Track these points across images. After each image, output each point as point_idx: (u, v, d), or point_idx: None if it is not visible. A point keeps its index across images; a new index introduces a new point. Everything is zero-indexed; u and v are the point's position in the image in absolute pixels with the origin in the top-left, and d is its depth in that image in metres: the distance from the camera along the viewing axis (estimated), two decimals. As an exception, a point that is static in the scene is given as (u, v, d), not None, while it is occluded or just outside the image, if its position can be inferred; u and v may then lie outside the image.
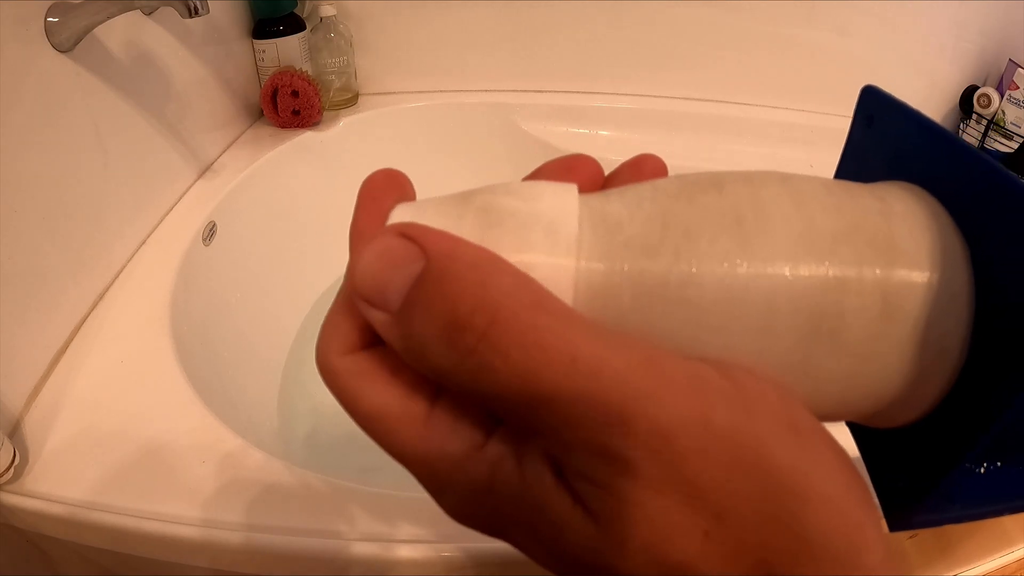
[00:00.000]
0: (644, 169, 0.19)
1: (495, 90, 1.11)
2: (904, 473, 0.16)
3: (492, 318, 0.12)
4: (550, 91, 1.11)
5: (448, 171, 1.12)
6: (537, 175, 0.18)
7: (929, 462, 0.16)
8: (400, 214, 0.16)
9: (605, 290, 0.14)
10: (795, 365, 0.15)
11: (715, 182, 0.16)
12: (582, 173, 0.18)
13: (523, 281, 0.13)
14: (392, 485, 0.47)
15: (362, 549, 0.43)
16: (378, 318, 0.14)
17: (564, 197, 0.15)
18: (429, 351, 0.13)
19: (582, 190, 0.16)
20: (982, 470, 0.16)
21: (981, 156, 0.16)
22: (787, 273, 0.14)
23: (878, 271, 0.15)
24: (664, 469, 0.12)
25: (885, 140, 0.20)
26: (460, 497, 0.15)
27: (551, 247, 0.14)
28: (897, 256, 0.15)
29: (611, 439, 0.12)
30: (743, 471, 0.13)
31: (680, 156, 1.06)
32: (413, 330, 0.13)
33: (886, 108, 0.20)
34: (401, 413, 0.15)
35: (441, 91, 1.10)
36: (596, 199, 0.16)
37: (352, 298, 0.15)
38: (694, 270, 0.14)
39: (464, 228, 0.15)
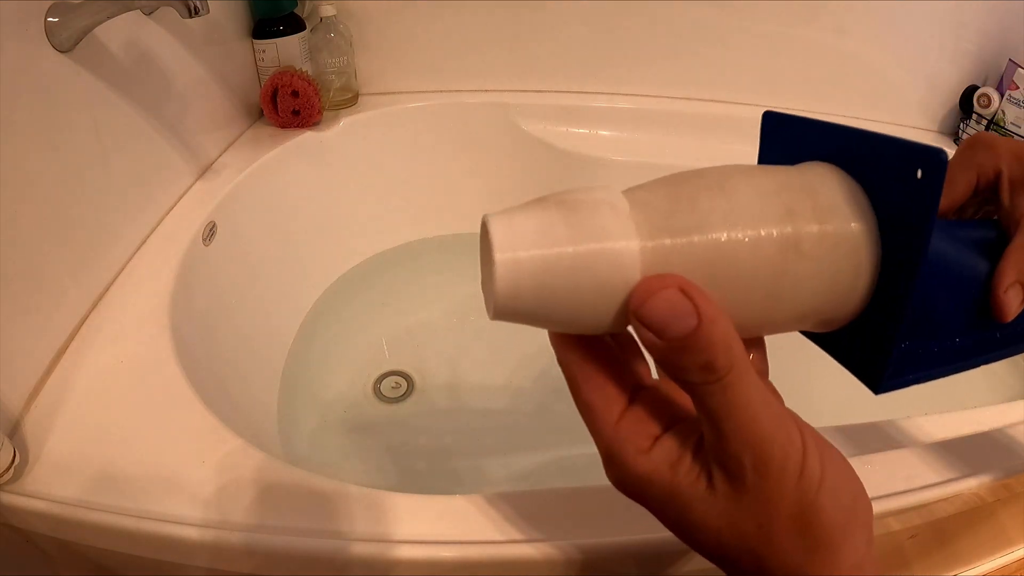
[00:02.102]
0: None
1: (495, 90, 1.11)
2: (863, 351, 0.24)
3: (729, 368, 0.20)
4: (550, 91, 1.11)
5: (448, 171, 1.12)
6: None
7: (877, 337, 0.23)
8: (495, 222, 0.21)
9: (654, 239, 0.21)
10: (780, 269, 0.21)
11: (697, 172, 0.23)
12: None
13: (741, 352, 0.21)
14: (393, 485, 0.47)
15: (362, 549, 0.43)
16: (650, 338, 0.21)
17: (611, 189, 0.22)
18: (684, 372, 0.21)
19: None
20: (920, 349, 0.24)
21: (849, 128, 0.23)
22: (757, 210, 0.21)
23: (808, 202, 0.22)
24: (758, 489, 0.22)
25: (786, 144, 0.27)
26: (622, 472, 0.24)
27: (617, 216, 0.21)
28: (815, 193, 0.22)
29: (751, 458, 0.21)
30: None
31: (680, 156, 1.06)
32: (679, 359, 0.20)
33: (780, 122, 0.27)
34: (604, 409, 0.24)
35: (441, 91, 1.10)
36: (627, 192, 0.22)
37: (630, 315, 0.21)
38: (702, 215, 0.21)
39: (553, 217, 0.21)
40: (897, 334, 0.22)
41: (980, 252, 0.26)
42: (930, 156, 0.20)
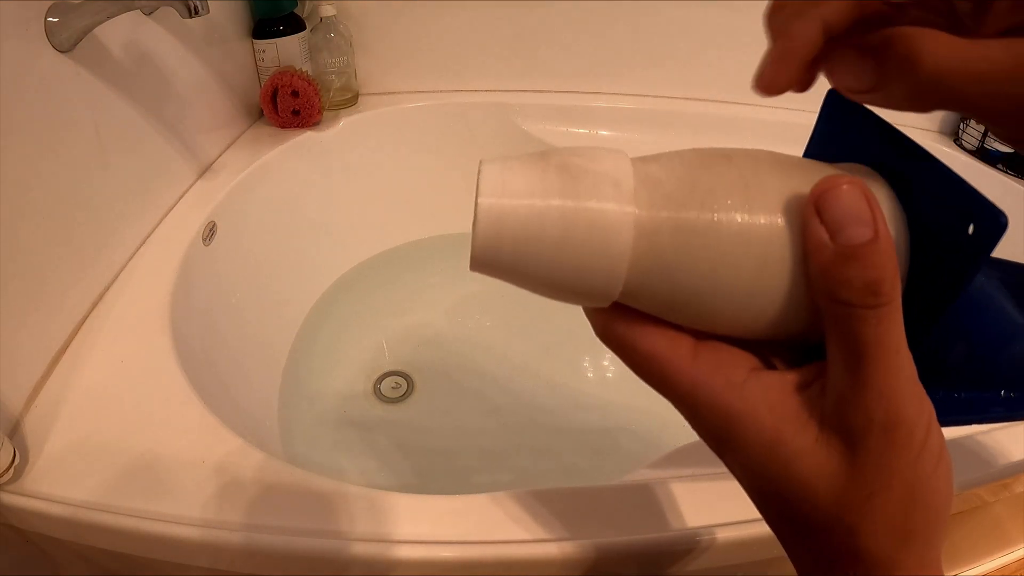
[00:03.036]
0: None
1: (495, 90, 1.11)
2: None
3: (891, 299, 0.18)
4: (550, 91, 1.11)
5: (448, 171, 1.12)
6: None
7: None
8: (488, 168, 0.20)
9: (652, 229, 0.19)
10: (787, 285, 0.19)
11: (725, 155, 0.21)
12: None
13: (900, 292, 0.19)
14: (393, 485, 0.47)
15: (362, 549, 0.43)
16: (819, 238, 0.18)
17: (620, 160, 0.20)
18: (845, 287, 0.18)
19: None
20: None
21: (913, 143, 0.21)
22: (778, 223, 0.19)
23: None
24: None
25: (843, 129, 0.25)
26: (711, 420, 0.21)
27: (618, 196, 0.19)
28: None
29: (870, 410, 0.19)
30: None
31: (680, 156, 1.07)
32: (844, 270, 0.18)
33: (842, 105, 0.24)
34: (671, 354, 0.21)
35: (441, 91, 1.10)
36: (639, 163, 0.20)
37: (811, 202, 0.19)
38: (715, 217, 0.19)
39: (549, 180, 0.19)
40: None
41: (1014, 300, 0.23)
42: (987, 215, 0.18)
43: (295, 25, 0.97)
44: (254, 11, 0.95)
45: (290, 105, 0.94)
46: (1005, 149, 0.98)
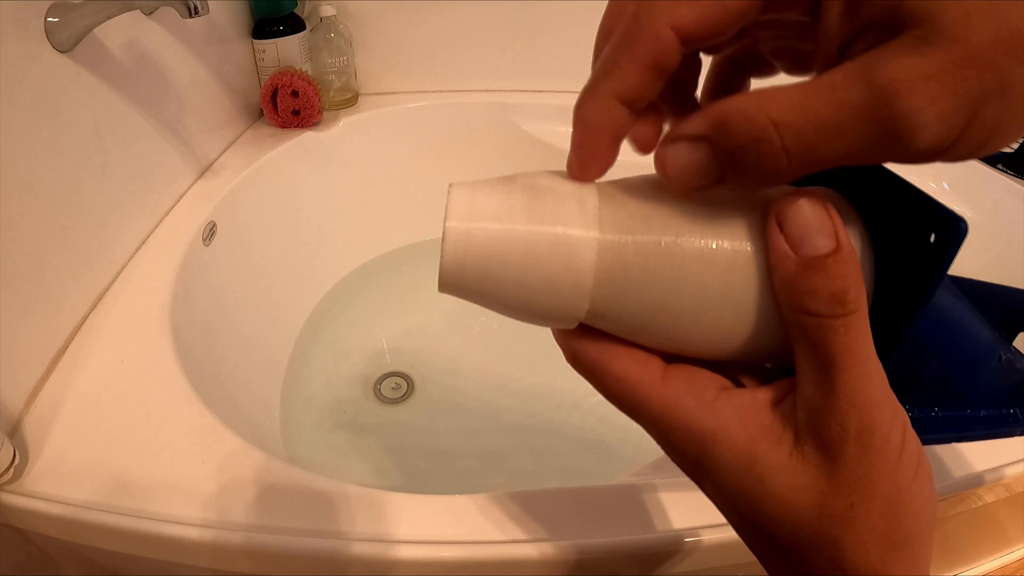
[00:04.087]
0: None
1: (495, 90, 1.11)
2: None
3: (857, 307, 0.18)
4: (550, 91, 1.11)
5: (448, 171, 1.12)
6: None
7: None
8: (457, 191, 0.20)
9: (617, 248, 0.19)
10: (752, 301, 0.19)
11: None
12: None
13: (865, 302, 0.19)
14: (393, 485, 0.47)
15: (362, 549, 0.43)
16: (782, 251, 0.18)
17: (588, 183, 0.21)
18: (811, 298, 0.18)
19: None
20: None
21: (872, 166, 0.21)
22: (741, 239, 0.19)
23: None
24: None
25: None
26: (683, 442, 0.20)
27: (583, 216, 0.19)
28: None
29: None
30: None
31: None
32: (809, 281, 0.18)
33: None
34: (642, 375, 0.20)
35: (441, 91, 1.10)
36: (604, 185, 0.21)
37: (773, 215, 0.19)
38: (678, 235, 0.19)
39: (515, 201, 0.20)
40: None
41: (984, 318, 0.23)
42: (948, 223, 0.18)
43: (295, 25, 0.97)
44: (254, 11, 0.95)
45: (290, 105, 0.94)
46: (1005, 149, 0.98)
